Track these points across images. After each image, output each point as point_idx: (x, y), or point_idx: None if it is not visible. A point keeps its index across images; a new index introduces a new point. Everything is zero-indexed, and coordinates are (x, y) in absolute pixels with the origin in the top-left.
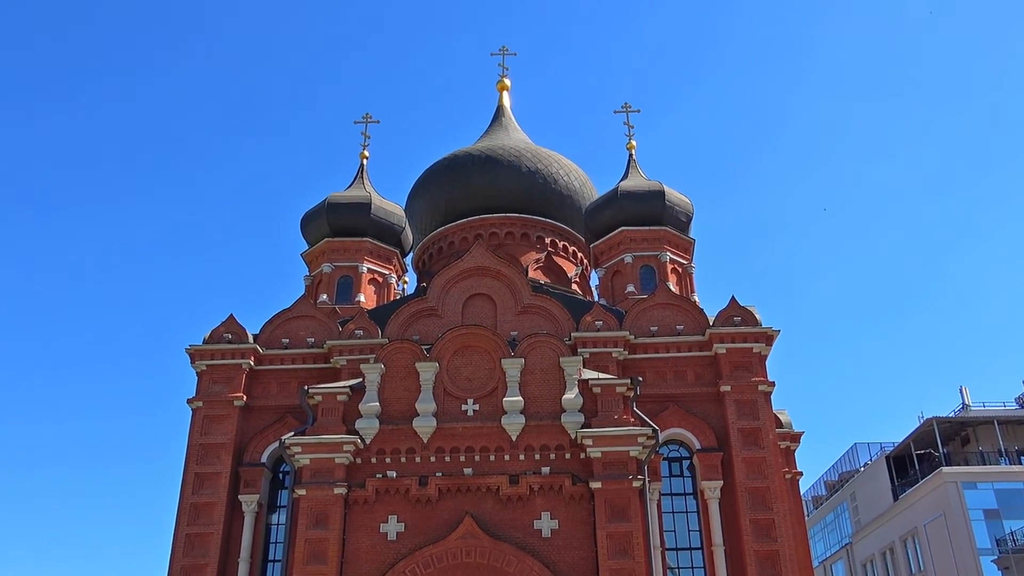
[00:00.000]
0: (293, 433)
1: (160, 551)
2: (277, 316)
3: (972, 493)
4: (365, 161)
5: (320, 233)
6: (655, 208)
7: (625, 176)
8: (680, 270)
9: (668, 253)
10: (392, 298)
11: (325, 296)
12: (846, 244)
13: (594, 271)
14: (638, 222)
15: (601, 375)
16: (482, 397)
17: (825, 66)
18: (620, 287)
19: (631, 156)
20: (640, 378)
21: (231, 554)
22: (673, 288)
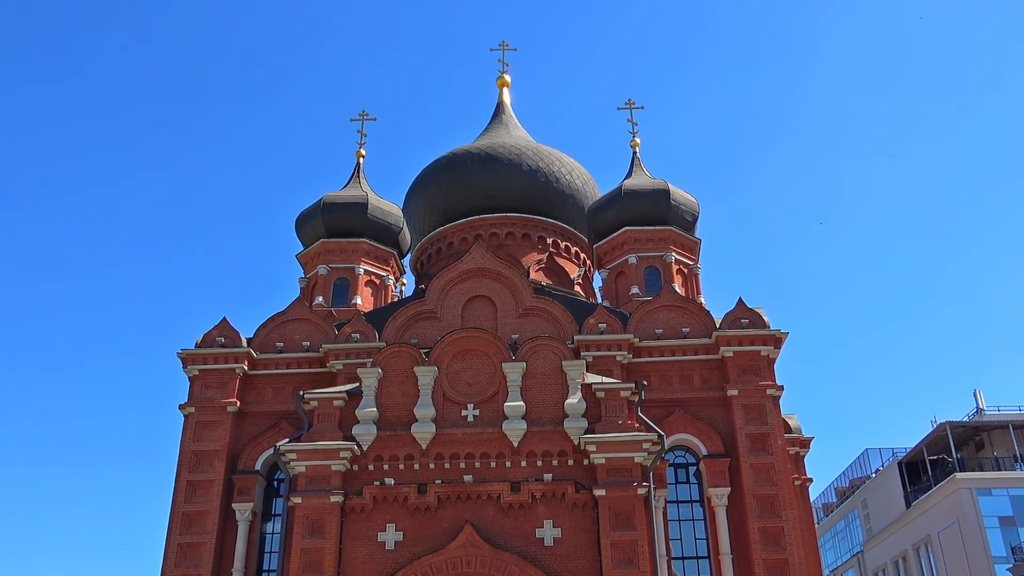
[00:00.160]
0: (288, 439)
1: (152, 561)
2: (271, 319)
3: (987, 500)
4: (361, 160)
5: (315, 234)
6: (660, 207)
7: (629, 175)
8: (686, 271)
9: (673, 254)
10: (390, 300)
11: (321, 298)
12: (856, 244)
13: (597, 272)
14: (642, 222)
15: (605, 379)
16: (482, 402)
17: (835, 60)
18: (624, 289)
19: (635, 154)
20: (645, 382)
21: (224, 564)
22: (679, 290)
